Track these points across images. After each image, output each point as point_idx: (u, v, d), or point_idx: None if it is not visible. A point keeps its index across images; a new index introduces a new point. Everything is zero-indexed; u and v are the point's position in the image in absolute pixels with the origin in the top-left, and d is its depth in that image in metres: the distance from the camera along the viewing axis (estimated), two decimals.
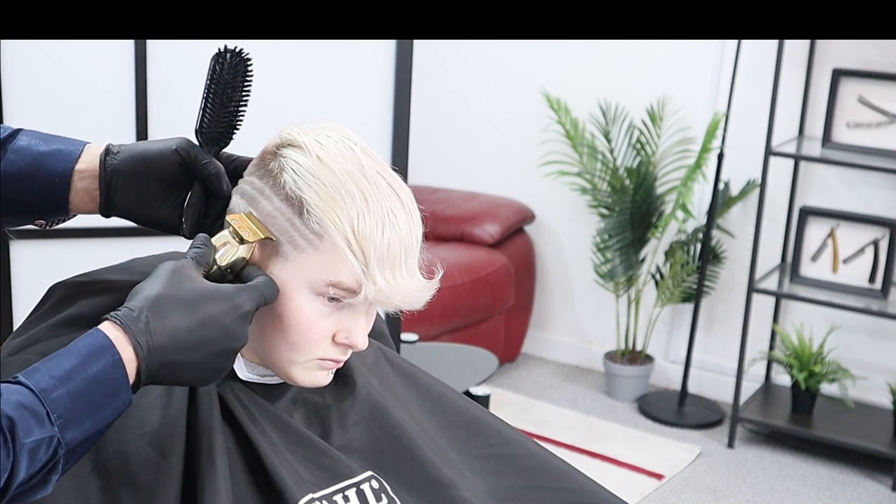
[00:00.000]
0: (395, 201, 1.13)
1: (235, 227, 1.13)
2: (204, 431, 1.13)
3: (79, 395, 0.97)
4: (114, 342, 1.01)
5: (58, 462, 0.96)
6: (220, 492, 1.10)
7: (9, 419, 0.92)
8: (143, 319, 1.02)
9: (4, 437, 0.92)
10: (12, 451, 0.92)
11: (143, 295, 1.05)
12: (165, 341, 1.03)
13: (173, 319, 1.04)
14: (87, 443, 0.99)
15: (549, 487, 1.32)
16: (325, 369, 1.18)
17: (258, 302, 1.09)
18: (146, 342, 1.01)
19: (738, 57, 3.60)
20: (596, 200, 3.97)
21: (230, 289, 1.08)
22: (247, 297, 1.08)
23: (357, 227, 1.10)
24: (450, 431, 1.33)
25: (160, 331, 1.02)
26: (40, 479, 0.96)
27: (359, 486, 1.20)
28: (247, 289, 1.09)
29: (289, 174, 1.12)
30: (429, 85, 4.17)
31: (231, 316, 1.07)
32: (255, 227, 1.13)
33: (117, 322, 1.02)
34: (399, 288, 1.12)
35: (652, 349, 4.13)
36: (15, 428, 0.93)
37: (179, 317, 1.04)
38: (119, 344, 1.01)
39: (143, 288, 1.06)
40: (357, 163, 1.13)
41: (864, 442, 3.49)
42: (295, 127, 1.17)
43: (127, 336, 1.01)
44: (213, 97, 1.18)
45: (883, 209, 3.61)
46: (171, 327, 1.03)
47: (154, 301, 1.04)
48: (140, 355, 1.01)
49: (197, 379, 1.08)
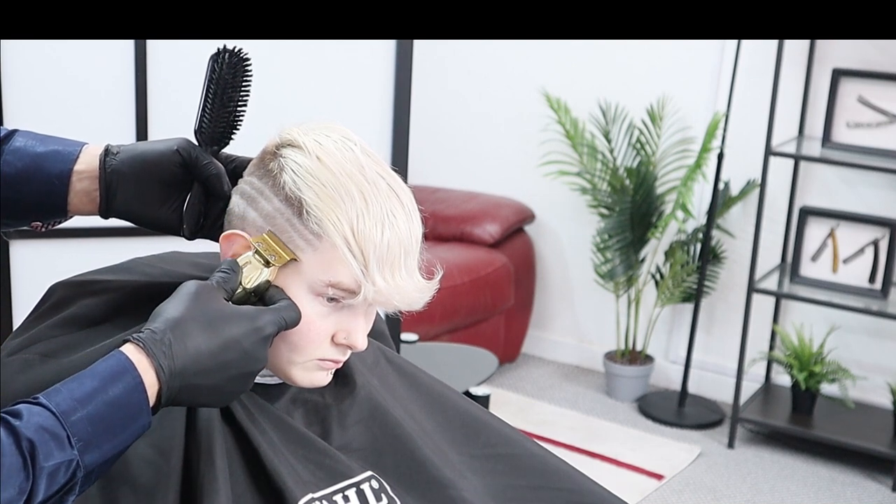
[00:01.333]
0: (395, 202, 1.13)
1: (261, 251, 1.12)
2: (203, 431, 1.13)
3: (99, 418, 0.97)
4: (135, 364, 1.00)
5: (75, 484, 0.96)
6: (219, 492, 1.10)
7: (29, 442, 0.92)
8: (167, 342, 1.02)
9: (25, 461, 0.92)
10: (32, 474, 0.92)
11: (166, 317, 1.04)
12: (187, 364, 1.02)
13: (195, 342, 1.03)
14: (105, 465, 0.99)
15: (548, 487, 1.32)
16: (325, 370, 1.18)
17: (279, 325, 1.09)
18: (168, 366, 1.01)
19: (738, 57, 3.60)
20: (596, 200, 3.97)
21: (252, 311, 1.08)
22: (269, 319, 1.08)
23: (356, 228, 1.10)
24: (450, 431, 1.33)
25: (182, 354, 1.02)
26: (57, 500, 0.96)
27: (359, 486, 1.20)
28: (269, 311, 1.09)
29: (288, 174, 1.12)
30: (429, 85, 4.17)
31: (252, 339, 1.06)
32: (280, 250, 1.12)
33: (139, 344, 1.01)
34: (398, 289, 1.12)
35: (652, 349, 4.13)
36: (35, 451, 0.92)
37: (202, 339, 1.04)
38: (141, 366, 1.00)
39: (165, 309, 1.05)
40: (357, 163, 1.13)
41: (864, 442, 3.49)
42: (295, 127, 1.17)
43: (149, 359, 1.01)
44: (213, 97, 1.18)
45: (883, 209, 3.61)
46: (193, 350, 1.03)
47: (176, 323, 1.03)
48: (162, 378, 1.01)
49: (214, 401, 1.08)
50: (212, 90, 1.17)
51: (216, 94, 1.18)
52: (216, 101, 1.18)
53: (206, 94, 1.18)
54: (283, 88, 2.36)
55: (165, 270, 1.28)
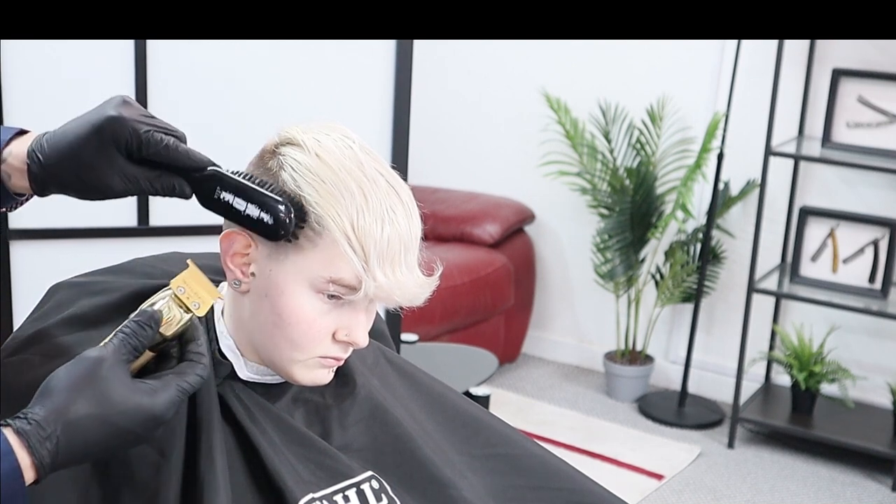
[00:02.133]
0: (394, 198, 1.13)
1: (182, 298, 1.08)
2: (204, 431, 1.13)
3: None
4: (14, 450, 0.96)
5: None
6: (219, 491, 1.10)
7: None
8: (54, 440, 0.98)
9: None
10: None
11: (56, 406, 0.99)
12: (75, 454, 1.00)
13: (85, 438, 1.00)
14: None
15: (548, 487, 1.32)
16: (326, 367, 1.18)
17: (180, 398, 1.05)
18: (50, 464, 0.98)
19: (738, 57, 3.60)
20: (596, 200, 3.97)
21: (148, 394, 1.03)
22: (167, 401, 1.04)
23: (357, 224, 1.10)
24: (450, 431, 1.33)
25: (66, 450, 0.99)
26: None
27: (359, 486, 1.20)
28: (169, 387, 1.04)
29: (288, 172, 1.12)
30: (429, 85, 4.17)
31: (147, 426, 1.03)
32: (205, 292, 1.08)
33: (22, 437, 0.97)
34: (399, 284, 1.12)
35: (652, 349, 4.13)
36: None
37: (93, 436, 1.00)
38: (19, 454, 0.96)
39: (55, 391, 1.01)
40: (356, 160, 1.13)
41: (864, 442, 3.49)
42: (294, 126, 1.17)
43: (31, 457, 0.97)
44: None
45: (883, 209, 3.61)
46: (82, 446, 1.00)
47: (67, 421, 0.99)
48: (41, 473, 0.98)
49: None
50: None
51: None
52: None
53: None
54: (283, 88, 2.36)
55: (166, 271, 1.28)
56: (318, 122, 1.18)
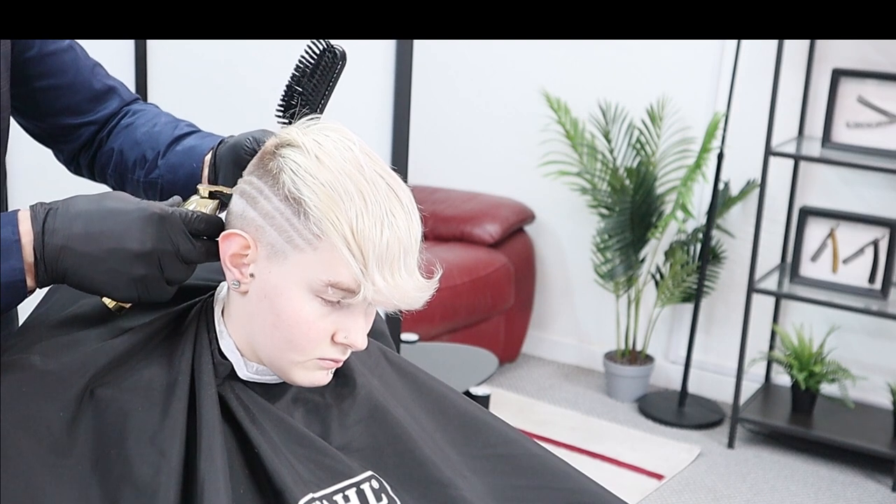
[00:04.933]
0: (394, 201, 1.13)
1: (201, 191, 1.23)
2: (204, 431, 1.13)
3: None
4: (19, 218, 1.10)
5: None
6: (220, 491, 1.10)
7: None
8: (55, 206, 1.11)
9: None
10: None
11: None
12: (67, 223, 1.10)
13: (79, 207, 1.12)
14: None
15: (548, 487, 1.32)
16: (325, 369, 1.18)
17: (171, 212, 1.14)
18: (49, 223, 1.10)
19: (738, 57, 3.60)
20: (596, 200, 3.97)
21: (146, 204, 1.14)
22: (161, 205, 1.15)
23: (356, 228, 1.10)
24: (450, 431, 1.33)
25: (64, 213, 1.11)
26: None
27: (359, 486, 1.20)
28: (168, 204, 1.17)
29: (287, 174, 1.12)
30: (429, 85, 4.17)
31: (135, 214, 1.12)
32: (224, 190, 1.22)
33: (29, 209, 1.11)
34: (398, 288, 1.12)
35: (652, 349, 4.13)
36: None
37: (85, 204, 1.12)
38: (22, 219, 1.10)
39: None
40: (356, 162, 1.13)
41: (864, 442, 3.49)
42: (294, 126, 1.17)
43: (31, 212, 1.10)
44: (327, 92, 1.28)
45: (883, 209, 3.61)
46: (74, 211, 1.11)
47: (71, 198, 1.13)
48: (36, 228, 1.09)
49: (99, 278, 1.12)
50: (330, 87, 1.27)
51: (329, 89, 1.27)
52: (327, 95, 1.28)
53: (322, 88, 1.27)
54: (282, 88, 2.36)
55: None
56: (318, 123, 1.18)
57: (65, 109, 1.38)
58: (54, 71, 1.35)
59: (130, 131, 1.39)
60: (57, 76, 1.35)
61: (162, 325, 1.21)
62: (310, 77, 1.26)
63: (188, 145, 1.35)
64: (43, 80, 1.34)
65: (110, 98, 1.42)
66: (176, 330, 1.21)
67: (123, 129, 1.40)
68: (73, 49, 1.37)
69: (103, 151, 1.41)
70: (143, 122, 1.40)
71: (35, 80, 1.34)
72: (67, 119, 1.39)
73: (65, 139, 1.41)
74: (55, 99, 1.37)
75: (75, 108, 1.38)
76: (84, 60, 1.39)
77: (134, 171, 1.37)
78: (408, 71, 2.42)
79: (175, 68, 2.29)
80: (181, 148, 1.35)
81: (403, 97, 2.44)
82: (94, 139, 1.42)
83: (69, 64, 1.36)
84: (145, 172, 1.36)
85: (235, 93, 2.34)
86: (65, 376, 1.14)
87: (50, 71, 1.34)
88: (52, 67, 1.34)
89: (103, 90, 1.41)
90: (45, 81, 1.35)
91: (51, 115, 1.38)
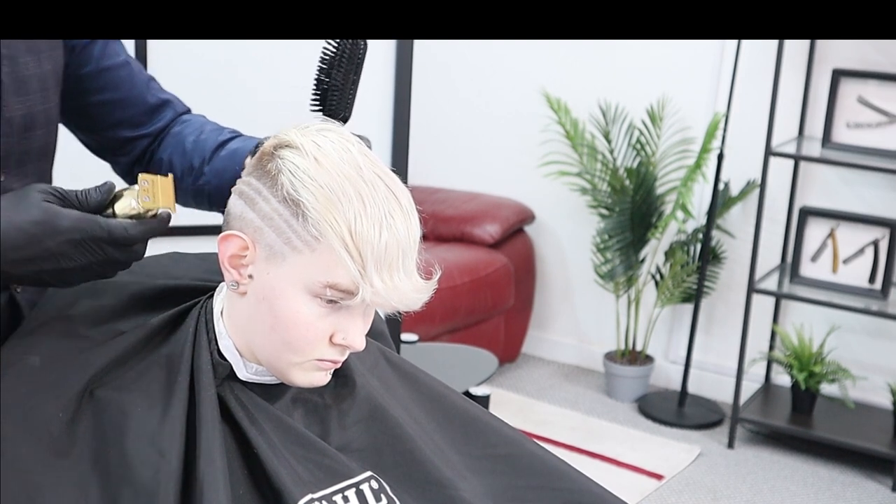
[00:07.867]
0: (393, 203, 1.13)
1: (142, 189, 1.18)
2: (203, 431, 1.13)
3: None
4: None
5: None
6: (219, 492, 1.10)
7: None
8: None
9: None
10: None
11: None
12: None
13: None
14: None
15: (548, 487, 1.32)
16: (323, 370, 1.18)
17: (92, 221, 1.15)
18: None
19: (738, 57, 3.60)
20: (596, 200, 3.97)
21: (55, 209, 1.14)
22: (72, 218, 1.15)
23: (354, 230, 1.09)
24: (449, 431, 1.33)
25: None
26: None
27: (358, 487, 1.20)
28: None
29: (286, 176, 1.12)
30: (429, 85, 4.17)
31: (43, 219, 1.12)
32: (161, 197, 1.17)
33: None
34: (396, 290, 1.12)
35: (652, 349, 4.13)
36: None
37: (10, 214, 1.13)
38: None
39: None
40: (354, 164, 1.13)
41: (864, 442, 3.49)
42: (293, 128, 1.17)
43: None
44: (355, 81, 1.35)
45: (883, 209, 3.61)
46: None
47: None
48: None
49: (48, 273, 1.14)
50: (357, 73, 1.34)
51: (357, 76, 1.33)
52: (356, 83, 1.34)
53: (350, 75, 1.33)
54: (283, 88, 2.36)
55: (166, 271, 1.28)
56: (317, 124, 1.18)
57: (120, 123, 1.42)
58: (110, 86, 1.39)
59: (179, 141, 1.43)
60: (112, 91, 1.39)
61: (161, 326, 1.21)
62: (337, 68, 1.31)
63: (231, 149, 1.38)
64: (99, 95, 1.39)
65: (164, 110, 1.45)
66: (175, 331, 1.21)
67: (172, 138, 1.44)
68: (128, 65, 1.42)
69: (154, 162, 1.44)
70: (190, 132, 1.43)
71: (91, 94, 1.38)
72: (123, 132, 1.43)
73: (121, 151, 1.45)
74: (110, 113, 1.41)
75: (130, 122, 1.42)
76: (139, 75, 1.44)
77: (183, 180, 1.40)
78: (408, 71, 2.42)
79: (175, 68, 2.28)
80: (225, 153, 1.38)
81: (403, 97, 2.44)
82: (146, 150, 1.45)
83: (125, 79, 1.40)
84: (192, 180, 1.40)
85: (235, 93, 2.34)
86: (64, 377, 1.14)
87: (106, 86, 1.39)
88: (108, 82, 1.39)
89: (157, 103, 1.45)
90: (101, 96, 1.39)
91: (106, 128, 1.42)
